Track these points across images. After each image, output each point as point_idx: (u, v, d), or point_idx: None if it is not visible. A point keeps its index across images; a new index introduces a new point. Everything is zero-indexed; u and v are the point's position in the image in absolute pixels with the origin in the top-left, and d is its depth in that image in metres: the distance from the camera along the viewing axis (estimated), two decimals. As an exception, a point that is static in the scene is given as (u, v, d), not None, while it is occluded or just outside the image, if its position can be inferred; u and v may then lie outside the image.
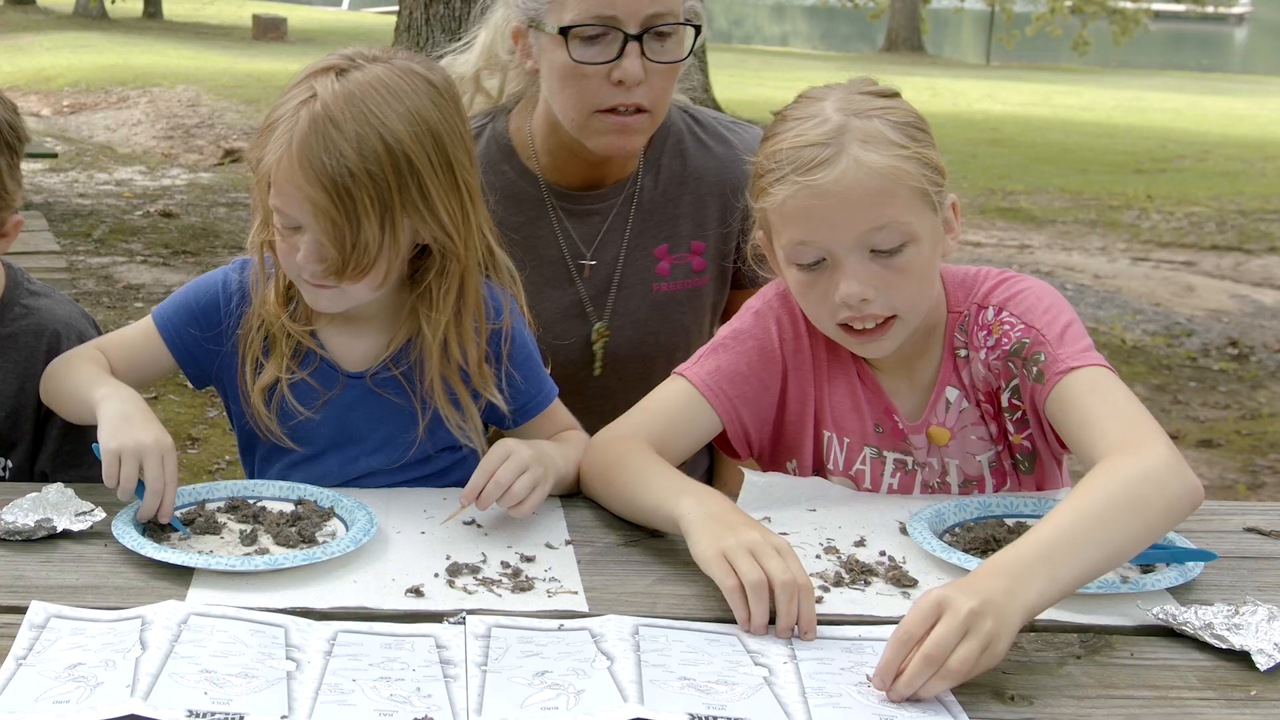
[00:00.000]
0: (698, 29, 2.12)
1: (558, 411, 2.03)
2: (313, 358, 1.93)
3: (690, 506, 1.65)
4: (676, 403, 1.93)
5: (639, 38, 2.05)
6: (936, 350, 1.93)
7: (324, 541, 1.71)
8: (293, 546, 1.70)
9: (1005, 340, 1.87)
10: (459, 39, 2.37)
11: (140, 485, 1.72)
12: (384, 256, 1.77)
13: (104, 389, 1.83)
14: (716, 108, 5.78)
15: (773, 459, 2.02)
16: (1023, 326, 1.86)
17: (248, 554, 1.67)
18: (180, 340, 1.96)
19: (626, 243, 2.29)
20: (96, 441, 1.76)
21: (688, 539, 1.62)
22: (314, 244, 1.77)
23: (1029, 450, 1.92)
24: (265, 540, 1.72)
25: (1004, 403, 1.90)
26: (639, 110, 2.10)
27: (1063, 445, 1.86)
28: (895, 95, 1.85)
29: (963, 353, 1.92)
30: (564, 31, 2.06)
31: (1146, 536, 1.58)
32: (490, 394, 1.92)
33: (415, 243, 1.84)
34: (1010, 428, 1.91)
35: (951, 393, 1.92)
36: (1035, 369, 1.81)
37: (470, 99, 2.31)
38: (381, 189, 1.73)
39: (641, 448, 1.84)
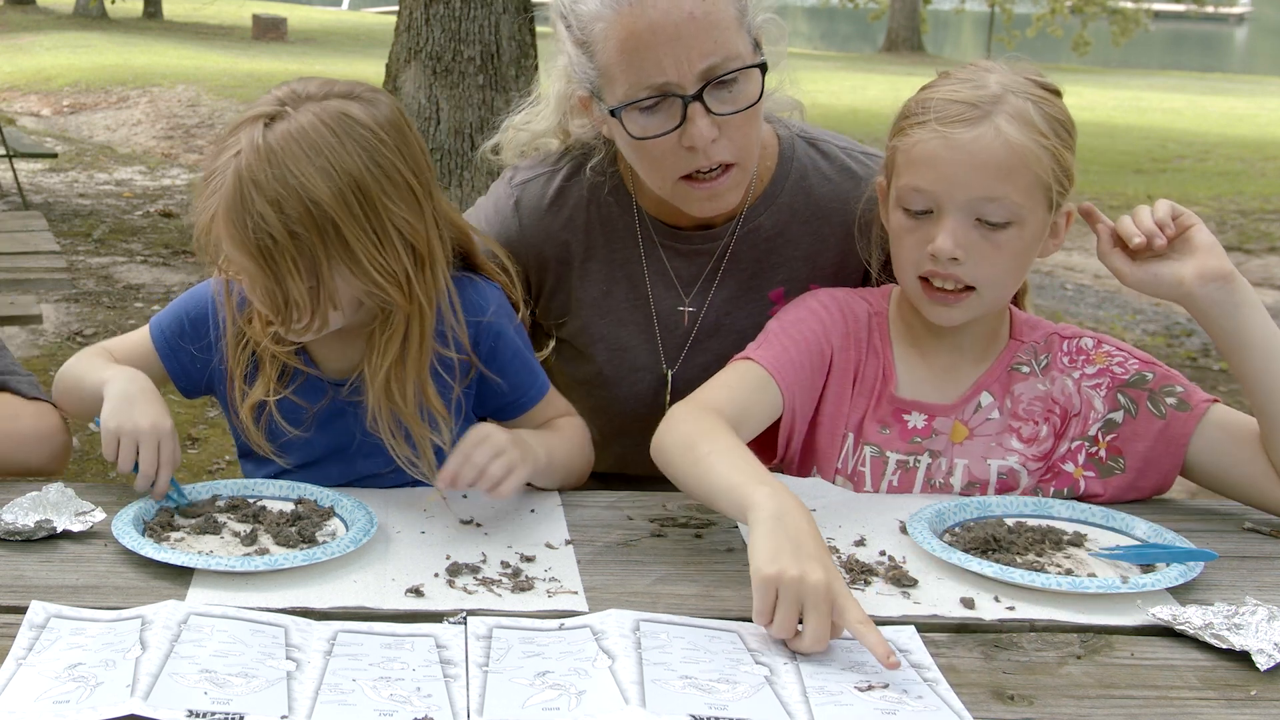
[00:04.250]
0: (763, 66, 1.91)
1: (551, 403, 2.01)
2: (299, 373, 1.93)
3: (764, 499, 1.56)
4: (749, 382, 1.90)
5: (699, 96, 1.87)
6: (985, 364, 1.96)
7: (324, 541, 1.71)
8: (293, 546, 1.70)
9: (1120, 370, 1.93)
10: (457, 39, 2.33)
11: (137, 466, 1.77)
12: (321, 311, 1.77)
13: (111, 371, 1.87)
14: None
15: (801, 466, 2.01)
16: (1137, 361, 1.93)
17: (248, 554, 1.67)
18: (172, 352, 1.96)
19: (738, 284, 2.15)
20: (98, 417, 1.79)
21: (750, 537, 1.54)
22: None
23: (1071, 481, 1.94)
24: (265, 540, 1.72)
25: (1091, 431, 1.93)
26: (726, 167, 1.94)
27: (1150, 484, 1.93)
28: (1057, 93, 1.88)
29: (1025, 369, 1.95)
30: (615, 113, 1.91)
31: None
32: (438, 437, 1.87)
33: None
34: (1076, 460, 1.94)
35: (985, 398, 1.94)
36: (1174, 399, 1.89)
37: (562, 141, 2.20)
38: (305, 249, 1.71)
39: (724, 425, 1.78)
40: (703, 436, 1.75)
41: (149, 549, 1.64)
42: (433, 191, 1.83)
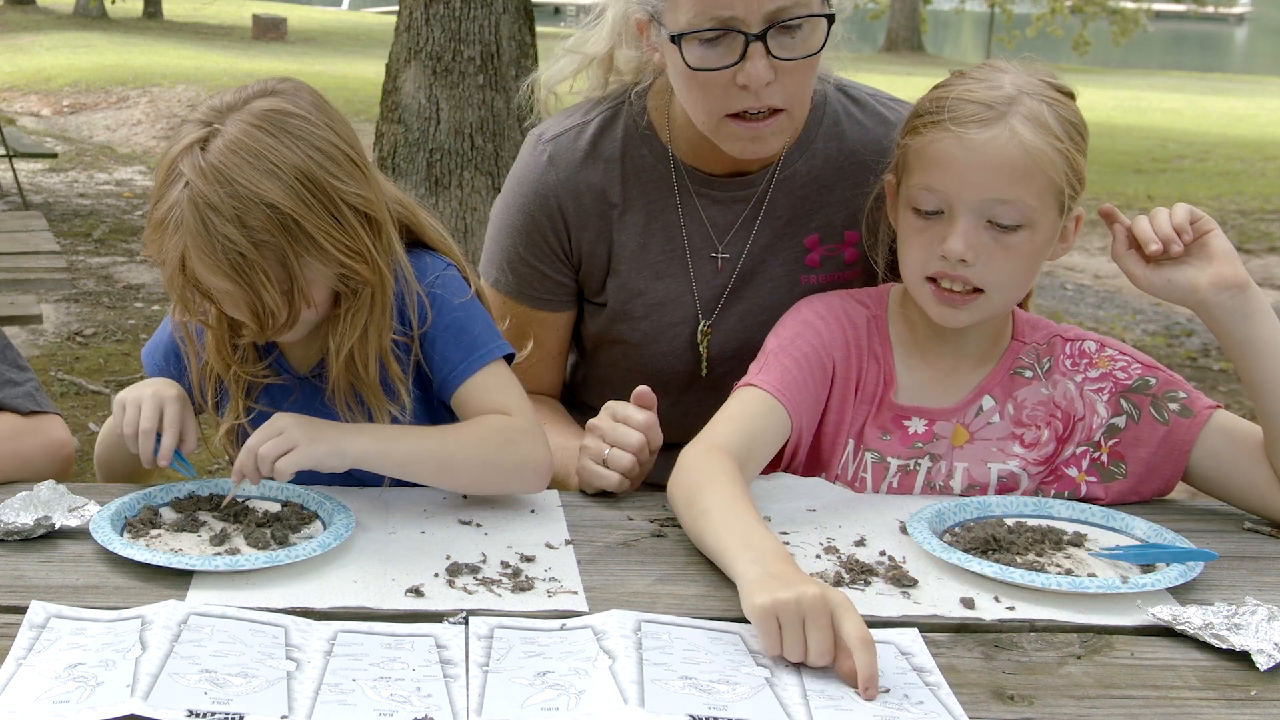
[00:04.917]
0: (830, 18, 1.91)
1: (486, 395, 1.91)
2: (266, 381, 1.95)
3: (747, 571, 1.54)
4: (756, 410, 1.88)
5: (762, 36, 1.86)
6: (988, 366, 1.95)
7: (295, 544, 1.70)
8: (263, 548, 1.69)
9: (1123, 375, 1.92)
10: (457, 39, 2.32)
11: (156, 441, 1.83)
12: (297, 308, 1.78)
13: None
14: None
15: (804, 473, 2.01)
16: (1140, 366, 1.93)
17: (218, 553, 1.67)
18: (161, 374, 1.99)
19: (774, 231, 2.15)
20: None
21: (741, 597, 1.52)
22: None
23: (1073, 485, 1.94)
24: (237, 540, 1.71)
25: (1095, 437, 1.93)
26: (774, 112, 1.94)
27: (1154, 489, 1.93)
28: (1071, 96, 1.88)
29: (1028, 374, 1.94)
30: (676, 39, 1.90)
31: None
32: (395, 406, 1.87)
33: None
34: (1079, 465, 1.94)
35: (987, 401, 1.94)
36: (1176, 405, 1.89)
37: (603, 78, 2.20)
38: (274, 253, 1.73)
39: (728, 470, 1.77)
40: (701, 490, 1.73)
41: (116, 544, 1.64)
42: (367, 160, 1.84)
